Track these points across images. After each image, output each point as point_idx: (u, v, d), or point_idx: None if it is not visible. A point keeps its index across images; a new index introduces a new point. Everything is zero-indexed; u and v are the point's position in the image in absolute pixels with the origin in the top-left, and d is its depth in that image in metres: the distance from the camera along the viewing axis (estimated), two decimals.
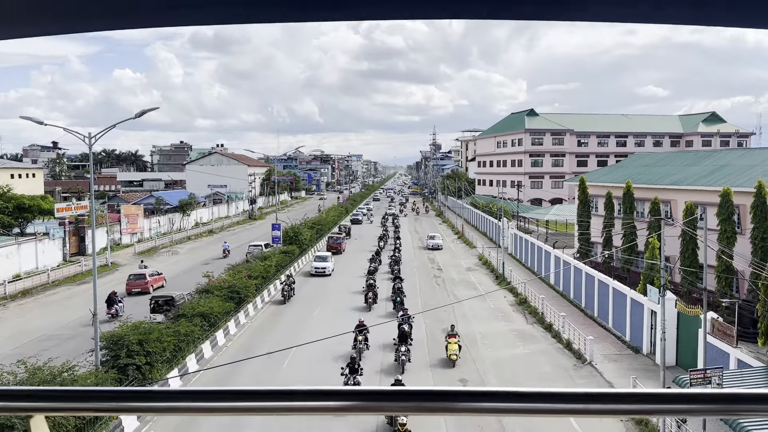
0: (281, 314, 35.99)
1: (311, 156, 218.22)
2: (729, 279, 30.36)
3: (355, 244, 65.83)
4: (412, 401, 1.15)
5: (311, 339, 22.25)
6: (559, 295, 40.01)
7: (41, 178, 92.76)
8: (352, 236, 71.14)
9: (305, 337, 30.11)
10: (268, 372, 25.18)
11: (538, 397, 1.14)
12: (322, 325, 31.95)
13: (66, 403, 1.24)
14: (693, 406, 1.13)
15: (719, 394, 1.15)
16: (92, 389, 1.24)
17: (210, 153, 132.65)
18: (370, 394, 1.16)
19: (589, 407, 1.14)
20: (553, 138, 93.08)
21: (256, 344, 29.39)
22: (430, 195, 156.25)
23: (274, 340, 30.14)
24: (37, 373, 17.06)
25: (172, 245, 65.67)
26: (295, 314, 35.78)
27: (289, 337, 31.00)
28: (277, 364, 26.03)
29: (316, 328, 32.30)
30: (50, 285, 44.14)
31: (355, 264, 50.92)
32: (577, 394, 1.14)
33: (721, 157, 41.52)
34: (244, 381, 24.21)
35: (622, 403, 1.13)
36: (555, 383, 24.61)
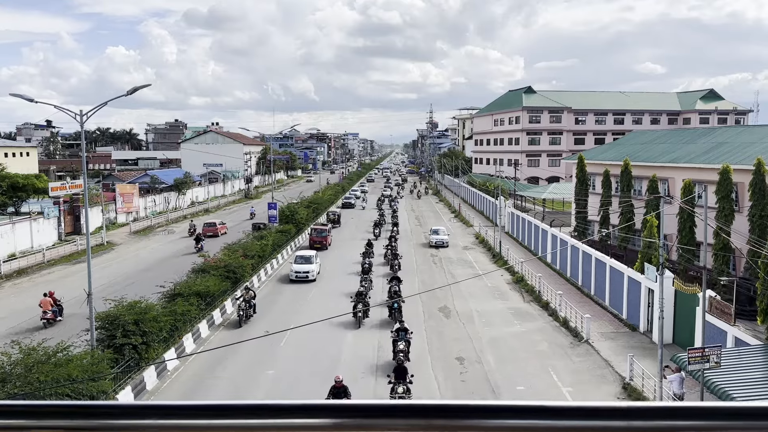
0: (279, 293, 35.93)
1: (307, 134, 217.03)
2: (726, 257, 30.34)
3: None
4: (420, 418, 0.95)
5: (308, 319, 22.06)
6: (555, 273, 40.01)
7: (35, 157, 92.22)
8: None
9: (302, 317, 30.11)
10: (265, 352, 25.14)
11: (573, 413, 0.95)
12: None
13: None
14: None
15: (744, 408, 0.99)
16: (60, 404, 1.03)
17: (205, 131, 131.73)
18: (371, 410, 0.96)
19: (632, 424, 0.95)
20: (551, 116, 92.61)
21: (253, 323, 29.34)
22: (426, 174, 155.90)
23: (271, 318, 30.11)
24: (31, 354, 16.93)
25: (168, 224, 65.41)
26: (292, 293, 35.72)
27: (287, 315, 30.98)
28: (274, 343, 25.97)
29: (312, 311, 32.33)
30: (46, 264, 43.93)
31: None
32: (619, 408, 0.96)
33: (719, 134, 41.29)
34: (241, 360, 24.20)
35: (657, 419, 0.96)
36: (551, 361, 24.65)
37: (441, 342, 27.07)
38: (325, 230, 50.92)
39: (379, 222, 59.92)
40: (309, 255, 39.80)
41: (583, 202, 46.64)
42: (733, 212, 30.66)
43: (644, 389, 20.71)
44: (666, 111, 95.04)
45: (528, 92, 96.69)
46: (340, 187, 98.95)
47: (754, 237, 27.14)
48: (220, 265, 32.60)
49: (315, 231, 50.74)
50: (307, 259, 39.06)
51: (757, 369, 16.09)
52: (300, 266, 38.47)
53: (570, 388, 21.91)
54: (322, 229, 51.36)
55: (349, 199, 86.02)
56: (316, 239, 49.28)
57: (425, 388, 21.85)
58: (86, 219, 22.18)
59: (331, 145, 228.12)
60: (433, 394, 21.49)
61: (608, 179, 43.25)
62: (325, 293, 35.27)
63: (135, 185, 69.51)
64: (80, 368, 17.24)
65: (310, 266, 38.30)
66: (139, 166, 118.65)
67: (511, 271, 40.85)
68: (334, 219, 62.52)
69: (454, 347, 26.33)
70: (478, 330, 28.81)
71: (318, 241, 49.05)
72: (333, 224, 59.42)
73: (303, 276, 37.72)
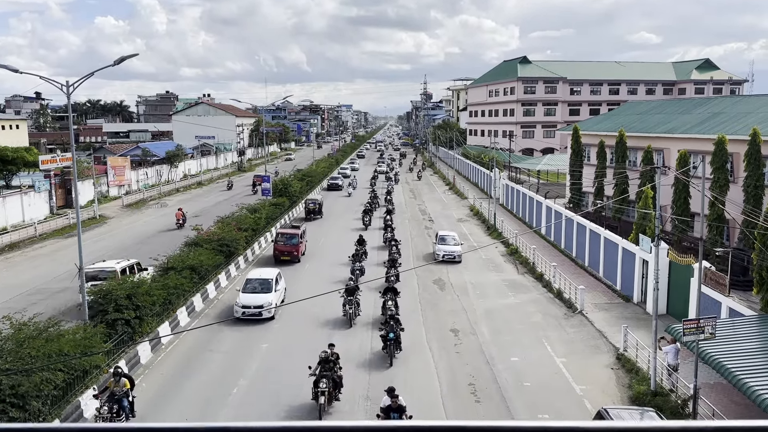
0: (306, 223, 36.00)
1: (300, 106, 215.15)
2: (720, 227, 30.34)
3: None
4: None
5: (302, 295, 21.85)
6: (550, 245, 40.02)
7: (25, 130, 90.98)
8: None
9: (296, 293, 30.05)
10: (258, 329, 25.11)
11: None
12: (313, 282, 31.87)
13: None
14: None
15: None
16: None
17: (196, 103, 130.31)
18: None
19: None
20: (546, 86, 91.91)
21: None
22: (421, 146, 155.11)
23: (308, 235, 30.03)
24: (22, 329, 16.79)
25: (160, 197, 64.97)
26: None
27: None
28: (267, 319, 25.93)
29: (308, 283, 32.25)
30: (38, 238, 43.60)
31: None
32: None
33: (715, 104, 41.00)
34: (234, 336, 24.17)
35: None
36: (545, 332, 24.72)
37: (435, 314, 27.09)
38: (295, 236, 36.00)
39: (369, 208, 50.42)
40: (266, 278, 27.13)
41: (577, 174, 46.48)
42: (727, 183, 30.56)
43: (638, 360, 20.79)
44: (661, 81, 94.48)
45: (523, 62, 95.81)
46: (333, 160, 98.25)
47: (748, 207, 27.09)
48: (213, 239, 32.37)
49: (281, 237, 36.18)
50: (263, 284, 26.57)
51: (751, 339, 16.12)
52: (250, 297, 25.64)
53: (564, 358, 21.99)
54: (292, 234, 36.42)
55: (336, 179, 75.01)
56: (282, 249, 35.34)
57: (420, 360, 21.90)
58: (75, 191, 21.87)
59: (324, 117, 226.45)
60: (427, 365, 21.53)
61: (603, 150, 43.04)
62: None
63: (126, 158, 68.80)
64: (72, 343, 17.12)
65: (266, 297, 25.78)
66: (131, 139, 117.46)
67: (505, 243, 40.84)
68: (314, 209, 51.20)
69: (449, 319, 26.35)
70: (472, 302, 28.84)
71: (285, 251, 35.28)
72: (313, 215, 50.31)
73: (254, 313, 25.04)
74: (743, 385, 13.68)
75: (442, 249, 36.43)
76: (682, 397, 17.46)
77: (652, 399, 17.81)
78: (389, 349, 21.27)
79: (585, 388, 19.57)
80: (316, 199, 53.59)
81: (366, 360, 21.81)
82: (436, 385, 19.85)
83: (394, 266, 31.23)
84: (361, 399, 18.81)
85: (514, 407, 18.27)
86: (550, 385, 19.86)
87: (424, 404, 18.40)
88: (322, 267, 34.85)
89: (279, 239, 36.19)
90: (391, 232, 40.16)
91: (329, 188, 72.58)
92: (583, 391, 19.32)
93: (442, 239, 37.78)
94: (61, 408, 16.30)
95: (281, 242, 35.82)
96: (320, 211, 51.83)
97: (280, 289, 27.57)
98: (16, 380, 14.43)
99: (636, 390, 18.83)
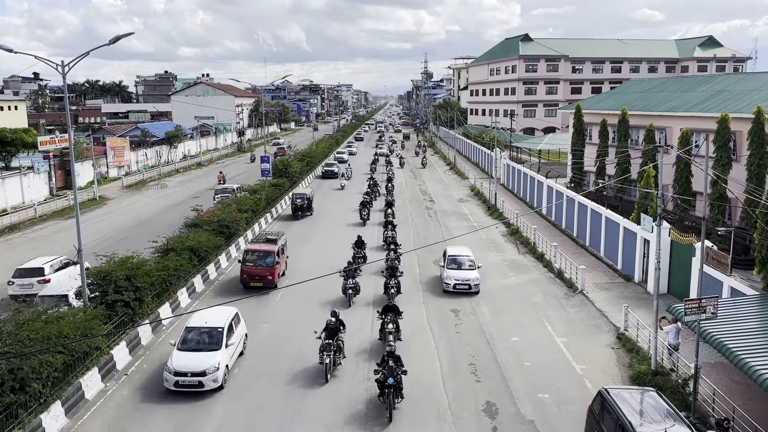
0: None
1: (300, 86, 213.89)
2: (722, 207, 30.18)
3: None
4: None
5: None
6: (551, 225, 39.89)
7: (24, 111, 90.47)
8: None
9: (296, 273, 30.00)
10: (260, 309, 25.11)
11: None
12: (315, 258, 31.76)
13: None
14: None
15: None
16: None
17: (195, 83, 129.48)
18: None
19: None
20: (548, 64, 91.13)
21: None
22: (421, 126, 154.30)
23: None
24: (21, 311, 16.74)
25: (160, 178, 64.78)
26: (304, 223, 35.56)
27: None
28: (270, 298, 25.94)
29: (307, 264, 32.19)
30: (38, 220, 43.52)
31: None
32: None
33: (718, 82, 40.59)
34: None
35: None
36: (546, 312, 24.70)
37: (436, 295, 27.04)
38: (270, 254, 26.97)
39: (368, 199, 44.92)
40: (214, 326, 18.94)
41: (579, 153, 46.21)
42: (730, 161, 30.35)
43: (639, 340, 20.77)
44: (664, 59, 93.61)
45: (525, 40, 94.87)
46: (334, 140, 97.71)
47: (751, 186, 26.90)
48: (213, 220, 32.27)
49: (251, 256, 27.11)
50: (209, 337, 18.73)
51: (753, 319, 16.06)
52: (187, 358, 17.99)
53: (564, 338, 21.99)
54: (266, 251, 27.14)
55: (331, 166, 67.22)
56: (252, 273, 26.71)
57: (421, 340, 21.91)
58: (72, 171, 21.70)
59: (324, 97, 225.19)
60: (428, 345, 21.54)
61: (605, 129, 42.73)
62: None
63: (126, 139, 68.48)
64: (72, 325, 17.07)
65: (210, 359, 17.98)
66: (130, 119, 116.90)
67: (506, 223, 40.72)
68: (302, 205, 43.35)
69: (449, 300, 26.31)
70: None
71: (256, 276, 26.66)
72: (301, 213, 43.34)
73: (192, 383, 17.58)
74: (745, 364, 13.64)
75: (452, 276, 26.77)
76: (683, 377, 17.45)
77: (652, 378, 17.80)
78: (388, 399, 16.32)
79: (585, 367, 19.59)
80: (304, 193, 44.75)
81: None
82: (437, 365, 19.87)
83: (394, 276, 25.98)
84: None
85: (514, 387, 18.29)
86: (551, 364, 19.88)
87: (425, 384, 18.44)
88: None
89: (248, 258, 27.02)
90: (392, 230, 34.62)
91: (324, 176, 65.34)
92: (583, 371, 19.33)
93: (452, 260, 27.67)
94: (62, 389, 16.33)
95: (251, 262, 26.85)
96: (310, 207, 44.40)
97: (234, 341, 19.08)
98: (14, 364, 14.40)
99: (636, 369, 18.83)
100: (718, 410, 15.54)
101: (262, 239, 29.30)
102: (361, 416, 16.63)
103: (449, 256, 28.18)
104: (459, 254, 28.27)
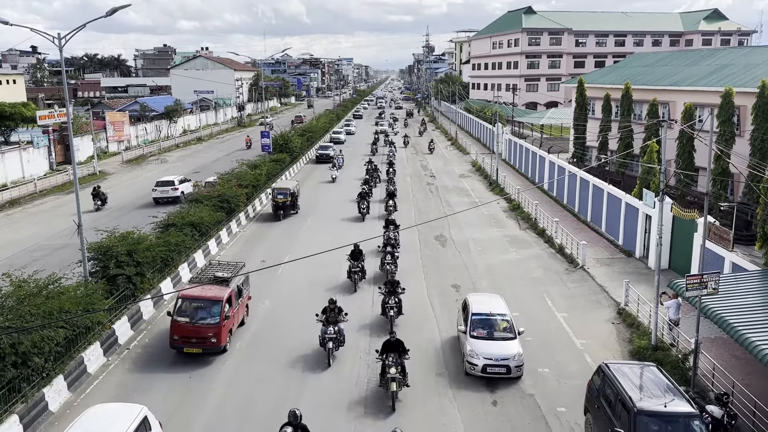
0: (273, 224, 35.69)
1: (300, 60, 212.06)
2: (725, 182, 30.03)
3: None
4: None
5: (302, 248, 21.35)
6: (552, 200, 39.77)
7: (22, 85, 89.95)
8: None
9: (298, 246, 30.00)
10: (262, 281, 25.14)
11: None
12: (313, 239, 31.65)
13: None
14: None
15: None
16: None
17: (195, 57, 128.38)
18: None
19: None
20: (551, 38, 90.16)
21: (249, 253, 29.21)
22: (423, 100, 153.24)
23: (266, 248, 29.99)
24: (22, 286, 16.75)
25: (160, 153, 64.52)
26: (287, 223, 35.51)
27: (281, 246, 30.87)
28: (271, 272, 25.91)
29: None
30: (38, 194, 43.47)
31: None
32: None
33: (723, 56, 40.10)
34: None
35: None
36: (546, 287, 24.73)
37: (437, 270, 27.07)
38: (217, 302, 18.54)
39: (367, 191, 38.56)
40: None
41: (582, 128, 45.89)
42: (733, 136, 30.12)
43: (639, 315, 20.82)
44: (668, 32, 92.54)
45: (528, 13, 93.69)
46: (335, 115, 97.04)
47: (754, 160, 26.72)
48: (213, 195, 32.18)
49: (186, 307, 18.73)
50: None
51: (754, 294, 16.04)
52: None
53: (565, 313, 22.04)
54: (211, 299, 18.68)
55: (326, 149, 59.15)
56: (187, 334, 18.27)
57: (422, 315, 21.96)
58: (71, 146, 21.56)
59: (324, 71, 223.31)
60: (429, 320, 21.60)
61: (608, 103, 42.36)
62: None
63: (125, 113, 68.06)
64: (73, 300, 17.09)
65: None
66: (129, 94, 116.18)
67: (507, 198, 40.61)
68: (285, 203, 35.51)
69: (450, 275, 26.35)
70: (474, 258, 28.80)
71: (193, 338, 18.27)
72: (284, 212, 35.67)
73: None
74: (745, 339, 13.65)
75: (480, 351, 17.20)
76: (683, 352, 17.51)
77: (652, 353, 17.87)
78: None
79: (585, 342, 19.66)
80: (287, 188, 36.25)
81: None
82: (438, 340, 19.94)
83: (395, 293, 20.69)
84: None
85: None
86: (551, 339, 19.94)
87: (426, 358, 18.52)
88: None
89: (182, 310, 18.53)
90: (394, 230, 27.54)
91: (318, 160, 57.74)
92: (583, 346, 19.40)
93: (479, 322, 18.12)
94: (65, 364, 16.41)
95: (185, 317, 18.36)
96: (295, 204, 36.51)
97: None
98: (15, 338, 14.44)
99: (636, 344, 18.89)
100: (718, 385, 15.62)
101: (208, 277, 19.69)
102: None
103: (474, 314, 18.23)
104: (489, 312, 18.35)
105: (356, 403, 16.19)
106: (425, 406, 16.04)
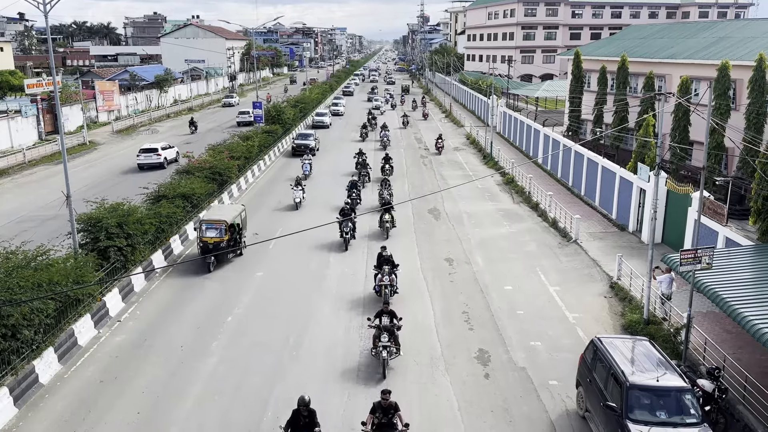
0: (267, 194, 35.44)
1: (292, 29, 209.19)
2: (719, 156, 29.93)
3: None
4: None
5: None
6: (546, 174, 39.62)
7: (10, 52, 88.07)
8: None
9: (291, 221, 29.81)
10: (256, 256, 24.98)
11: None
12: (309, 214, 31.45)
13: None
14: None
15: None
16: None
17: (185, 25, 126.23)
18: None
19: None
20: (547, 9, 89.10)
21: None
22: (417, 72, 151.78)
23: (260, 222, 29.79)
24: (10, 258, 16.53)
25: (151, 123, 63.78)
26: (282, 192, 35.25)
27: (275, 220, 30.69)
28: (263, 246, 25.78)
29: (302, 213, 31.83)
30: (27, 165, 42.93)
31: None
32: None
33: (720, 28, 39.68)
34: (230, 265, 24.10)
35: None
36: (539, 261, 24.71)
37: (430, 244, 26.99)
38: None
39: (350, 206, 27.65)
40: None
41: (577, 101, 45.55)
42: (729, 110, 29.93)
43: (632, 289, 20.85)
44: (665, 4, 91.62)
45: None
46: (327, 86, 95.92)
47: (750, 134, 26.59)
48: (204, 167, 31.83)
49: None
50: None
51: (747, 269, 16.04)
52: None
53: (557, 287, 22.05)
54: None
55: (306, 138, 47.52)
56: None
57: (414, 289, 21.93)
58: (59, 115, 21.17)
59: (317, 41, 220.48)
60: (422, 293, 21.57)
61: (604, 76, 41.97)
62: None
63: (115, 82, 67.06)
64: (63, 272, 16.90)
65: None
66: (119, 63, 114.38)
67: (502, 172, 40.42)
68: (217, 243, 22.97)
69: (443, 248, 26.28)
70: (467, 231, 28.72)
71: None
72: (216, 260, 23.23)
73: None
74: (738, 314, 13.66)
75: None
76: (675, 326, 17.57)
77: (644, 327, 17.92)
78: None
79: (578, 316, 19.69)
80: (221, 220, 23.51)
81: None
82: (430, 313, 19.93)
83: (393, 335, 16.37)
84: None
85: (507, 335, 18.39)
86: (543, 313, 19.97)
87: (419, 331, 18.52)
88: None
89: None
90: (389, 272, 20.29)
91: (295, 152, 46.67)
92: (575, 319, 19.44)
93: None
94: (55, 336, 16.29)
95: None
96: (237, 241, 24.30)
97: None
98: (4, 311, 14.27)
99: (629, 318, 18.94)
100: (709, 359, 15.69)
101: None
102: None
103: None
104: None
105: (349, 370, 16.20)
106: (418, 377, 16.06)
